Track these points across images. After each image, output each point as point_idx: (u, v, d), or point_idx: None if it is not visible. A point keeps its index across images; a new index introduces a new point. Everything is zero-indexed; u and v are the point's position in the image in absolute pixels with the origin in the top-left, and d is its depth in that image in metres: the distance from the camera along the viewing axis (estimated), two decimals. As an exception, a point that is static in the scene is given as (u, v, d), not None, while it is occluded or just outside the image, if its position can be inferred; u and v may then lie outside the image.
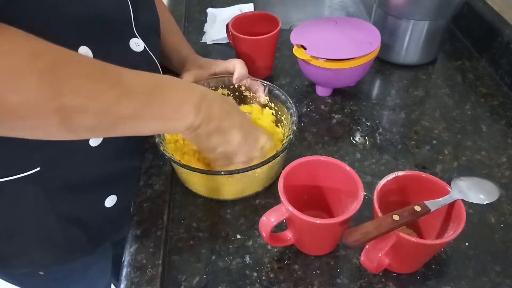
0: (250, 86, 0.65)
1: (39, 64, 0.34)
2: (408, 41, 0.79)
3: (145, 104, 0.40)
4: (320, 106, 0.73)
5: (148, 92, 0.41)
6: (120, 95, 0.38)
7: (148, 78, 0.42)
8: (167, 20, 0.72)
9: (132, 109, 0.39)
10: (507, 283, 0.48)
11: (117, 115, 0.39)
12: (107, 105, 0.38)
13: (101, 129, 0.40)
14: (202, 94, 0.46)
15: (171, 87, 0.44)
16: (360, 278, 0.49)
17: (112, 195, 0.62)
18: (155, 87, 0.42)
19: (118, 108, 0.38)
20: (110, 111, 0.38)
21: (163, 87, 0.43)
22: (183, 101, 0.44)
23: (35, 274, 0.65)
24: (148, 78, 0.42)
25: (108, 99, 0.38)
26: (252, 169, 0.52)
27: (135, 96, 0.40)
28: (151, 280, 0.47)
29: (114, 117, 0.39)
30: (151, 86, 0.42)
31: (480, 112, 0.72)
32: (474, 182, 0.49)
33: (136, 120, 0.41)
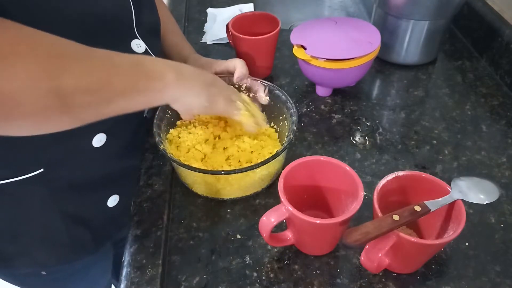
0: (250, 86, 0.65)
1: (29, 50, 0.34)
2: (408, 41, 0.79)
3: (133, 77, 0.42)
4: (320, 106, 0.73)
5: (134, 66, 0.43)
6: (111, 71, 0.40)
7: (129, 56, 0.44)
8: (167, 20, 0.72)
9: (124, 82, 0.41)
10: (507, 283, 0.48)
11: (112, 90, 0.40)
12: (101, 81, 0.39)
13: (98, 107, 0.41)
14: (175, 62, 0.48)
15: (150, 59, 0.46)
16: (360, 278, 0.49)
17: (114, 195, 0.62)
18: (137, 63, 0.44)
19: (111, 83, 0.40)
20: (105, 87, 0.40)
21: (144, 60, 0.45)
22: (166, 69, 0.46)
23: (37, 274, 0.66)
24: (129, 56, 0.44)
25: (101, 75, 0.39)
26: (252, 169, 0.52)
27: (124, 71, 0.42)
28: (151, 280, 0.47)
29: (109, 92, 0.40)
30: (134, 62, 0.43)
31: (480, 112, 0.72)
32: (474, 182, 0.49)
33: (128, 93, 0.42)
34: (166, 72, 0.45)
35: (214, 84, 0.52)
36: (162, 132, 0.58)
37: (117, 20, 0.50)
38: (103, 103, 0.40)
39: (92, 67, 0.39)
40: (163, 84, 0.45)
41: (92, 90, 0.38)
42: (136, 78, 0.42)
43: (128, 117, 0.46)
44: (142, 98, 0.44)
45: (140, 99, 0.44)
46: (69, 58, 0.37)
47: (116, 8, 0.50)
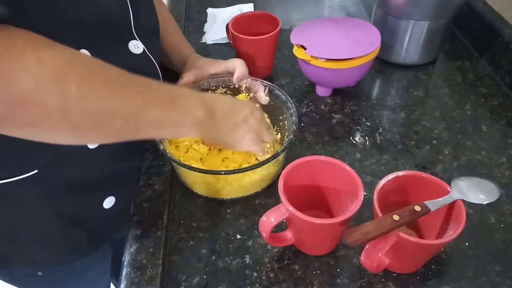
0: (250, 86, 0.65)
1: (76, 71, 0.36)
2: (408, 41, 0.79)
3: (167, 109, 0.44)
4: (320, 106, 0.73)
5: (169, 98, 0.45)
6: (146, 101, 0.42)
7: (166, 86, 0.46)
8: (167, 21, 0.72)
9: (156, 114, 0.43)
10: (507, 283, 0.48)
11: (143, 120, 0.42)
12: (135, 110, 0.41)
13: (127, 133, 0.42)
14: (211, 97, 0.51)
15: (185, 93, 0.48)
16: (360, 278, 0.49)
17: (110, 197, 0.62)
18: (175, 95, 0.46)
19: (144, 113, 0.42)
20: (138, 115, 0.41)
21: (180, 94, 0.46)
22: (198, 105, 0.47)
23: (35, 274, 0.65)
24: (166, 86, 0.46)
25: (136, 104, 0.41)
26: (252, 169, 0.52)
27: (159, 103, 0.43)
28: (151, 280, 0.47)
29: (140, 121, 0.42)
30: (171, 94, 0.45)
31: (480, 112, 0.72)
32: (474, 182, 0.49)
33: (158, 125, 0.44)
34: (197, 109, 0.47)
35: (245, 122, 0.52)
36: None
37: (115, 21, 0.50)
38: (131, 131, 0.42)
39: (130, 95, 0.41)
40: (193, 121, 0.46)
41: (126, 117, 0.40)
42: (168, 111, 0.44)
43: None
44: (171, 130, 0.46)
45: (168, 131, 0.47)
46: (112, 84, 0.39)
47: (114, 9, 0.50)
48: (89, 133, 0.40)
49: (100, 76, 0.39)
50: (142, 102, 0.41)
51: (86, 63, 0.38)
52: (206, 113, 0.47)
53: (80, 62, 0.38)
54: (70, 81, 0.36)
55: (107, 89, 0.39)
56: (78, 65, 0.37)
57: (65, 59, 0.36)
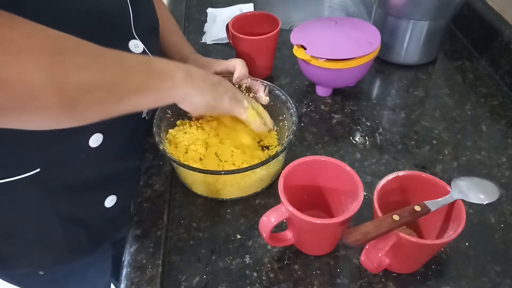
0: (250, 86, 0.65)
1: (47, 45, 0.36)
2: (408, 41, 0.79)
3: (147, 76, 0.44)
4: (320, 106, 0.73)
5: (145, 65, 0.44)
6: (124, 69, 0.42)
7: (140, 56, 0.46)
8: (167, 20, 0.72)
9: (137, 80, 0.43)
10: (507, 283, 0.48)
11: (125, 88, 0.42)
12: (116, 78, 0.41)
13: (109, 104, 0.42)
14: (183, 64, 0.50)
15: (159, 60, 0.47)
16: (360, 278, 0.49)
17: (111, 195, 0.62)
18: (148, 62, 0.45)
19: (125, 80, 0.41)
20: (119, 84, 0.41)
21: (156, 62, 0.46)
22: (175, 69, 0.47)
23: (35, 274, 0.65)
24: (140, 56, 0.46)
25: (115, 72, 0.41)
26: (252, 169, 0.52)
27: (137, 70, 0.43)
28: (151, 280, 0.47)
29: (122, 90, 0.42)
30: (145, 61, 0.45)
31: (480, 112, 0.72)
32: (474, 182, 0.49)
33: (140, 92, 0.44)
34: (175, 72, 0.47)
35: (220, 84, 0.53)
36: (162, 132, 0.58)
37: (114, 20, 0.50)
38: (115, 100, 0.42)
39: (107, 65, 0.40)
40: (173, 83, 0.47)
41: (106, 86, 0.40)
42: (148, 76, 0.44)
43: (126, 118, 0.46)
44: (152, 96, 0.46)
45: (150, 98, 0.46)
46: (85, 55, 0.39)
47: (114, 8, 0.50)
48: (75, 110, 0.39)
49: (76, 50, 0.38)
50: (121, 71, 0.41)
51: (60, 39, 0.37)
52: (184, 75, 0.48)
53: (54, 39, 0.37)
54: (45, 58, 0.35)
55: (85, 61, 0.38)
56: (49, 39, 0.36)
57: (38, 36, 0.35)
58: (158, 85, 0.45)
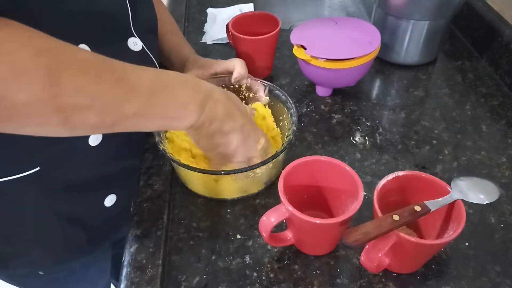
0: (250, 86, 0.65)
1: (42, 62, 0.34)
2: (408, 41, 0.79)
3: (149, 103, 0.40)
4: (320, 106, 0.73)
5: (153, 90, 0.41)
6: (123, 94, 0.38)
7: (154, 75, 0.42)
8: (167, 20, 0.72)
9: (135, 108, 0.39)
10: (507, 283, 0.48)
11: (120, 114, 0.39)
12: (110, 104, 0.38)
13: (103, 127, 0.40)
14: (208, 92, 0.46)
15: (176, 84, 0.43)
16: (360, 278, 0.49)
17: (111, 195, 0.62)
18: (160, 85, 0.41)
19: (121, 107, 0.38)
20: (113, 110, 0.38)
21: (168, 85, 0.42)
22: (188, 100, 0.44)
23: (34, 274, 0.65)
24: (154, 75, 0.42)
25: (112, 98, 0.38)
26: (252, 169, 0.52)
27: (139, 95, 0.39)
28: (151, 280, 0.47)
29: (117, 116, 0.39)
30: (156, 84, 0.41)
31: (480, 112, 0.72)
32: (474, 182, 0.49)
33: (138, 118, 0.40)
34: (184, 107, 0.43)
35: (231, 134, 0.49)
36: (162, 132, 0.58)
37: (113, 18, 0.50)
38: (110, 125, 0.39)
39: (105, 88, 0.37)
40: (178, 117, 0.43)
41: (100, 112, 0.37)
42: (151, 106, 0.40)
43: None
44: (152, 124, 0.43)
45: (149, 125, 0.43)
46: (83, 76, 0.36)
47: (112, 5, 0.49)
48: (61, 129, 0.37)
49: (71, 66, 0.35)
50: (119, 94, 0.38)
51: (55, 53, 0.35)
52: (193, 111, 0.44)
53: (48, 52, 0.35)
54: (34, 74, 0.33)
55: (78, 81, 0.35)
56: (45, 55, 0.34)
57: (30, 50, 0.33)
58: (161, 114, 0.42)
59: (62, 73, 0.35)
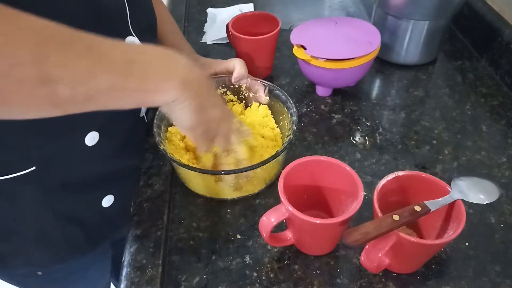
0: (250, 86, 0.65)
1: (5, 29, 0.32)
2: (408, 41, 0.79)
3: (123, 75, 0.37)
4: (320, 106, 0.73)
5: (127, 61, 0.37)
6: (94, 64, 0.35)
7: (128, 46, 0.40)
8: (166, 20, 0.72)
9: (109, 80, 0.36)
10: (507, 283, 0.48)
11: (93, 86, 0.35)
12: (81, 76, 0.35)
13: (77, 101, 0.36)
14: (187, 67, 0.42)
15: (153, 55, 0.40)
16: (360, 278, 0.49)
17: (109, 195, 0.62)
18: (135, 56, 0.38)
19: (93, 79, 0.35)
20: (85, 82, 0.35)
21: (144, 56, 0.39)
22: (167, 73, 0.40)
23: (33, 274, 0.65)
24: (128, 46, 0.40)
25: (81, 69, 0.34)
26: (252, 169, 0.52)
27: (112, 66, 0.36)
28: (151, 280, 0.47)
29: (89, 88, 0.35)
30: (130, 54, 0.38)
31: (480, 112, 0.72)
32: (474, 182, 0.49)
33: (113, 92, 0.37)
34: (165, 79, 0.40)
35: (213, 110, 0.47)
36: (162, 132, 0.58)
37: (111, 16, 0.50)
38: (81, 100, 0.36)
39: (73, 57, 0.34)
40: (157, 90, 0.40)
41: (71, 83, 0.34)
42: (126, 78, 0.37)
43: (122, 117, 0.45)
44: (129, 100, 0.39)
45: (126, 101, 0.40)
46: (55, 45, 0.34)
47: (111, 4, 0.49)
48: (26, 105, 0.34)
49: (34, 34, 0.33)
50: (89, 66, 0.35)
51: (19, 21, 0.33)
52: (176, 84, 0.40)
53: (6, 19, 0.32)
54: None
55: (44, 51, 0.32)
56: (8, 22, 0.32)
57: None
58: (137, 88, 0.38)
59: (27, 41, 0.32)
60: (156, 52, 0.41)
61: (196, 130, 0.46)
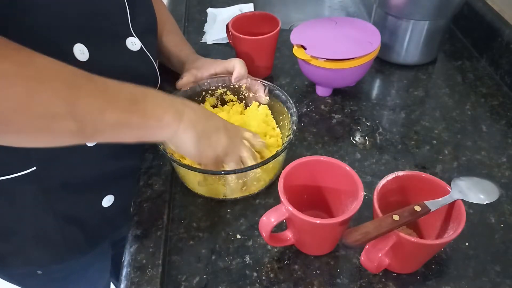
0: (250, 86, 0.65)
1: (24, 73, 0.35)
2: (408, 41, 0.79)
3: (128, 112, 0.42)
4: (320, 106, 0.73)
5: (131, 100, 0.42)
6: (103, 103, 0.40)
7: (131, 87, 0.44)
8: (166, 20, 0.72)
9: (116, 116, 0.41)
10: (507, 283, 0.48)
11: (100, 122, 0.40)
12: (90, 112, 0.39)
13: (84, 136, 0.41)
14: (183, 102, 0.48)
15: (153, 96, 0.45)
16: (360, 278, 0.49)
17: (109, 195, 0.62)
18: (138, 96, 0.43)
19: (101, 115, 0.40)
20: (94, 118, 0.39)
21: (145, 96, 0.44)
22: (166, 109, 0.45)
23: (33, 273, 0.65)
24: (131, 87, 0.44)
25: (91, 106, 0.39)
26: (252, 169, 0.52)
27: (118, 104, 0.41)
28: (151, 280, 0.47)
29: (97, 124, 0.40)
30: (134, 95, 0.43)
31: (480, 112, 0.72)
32: (474, 182, 0.49)
33: (118, 127, 0.42)
34: (163, 113, 0.45)
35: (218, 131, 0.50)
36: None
37: (112, 17, 0.50)
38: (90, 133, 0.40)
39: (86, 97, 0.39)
40: (158, 124, 0.45)
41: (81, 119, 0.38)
42: (131, 114, 0.42)
43: None
44: (131, 134, 0.44)
45: (129, 135, 0.44)
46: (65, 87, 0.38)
47: (111, 5, 0.50)
48: (40, 136, 0.39)
49: (51, 77, 0.37)
50: (98, 104, 0.39)
51: (37, 65, 0.37)
52: (173, 117, 0.45)
53: (30, 64, 0.36)
54: (16, 85, 0.35)
55: (57, 91, 0.37)
56: (27, 67, 0.36)
57: (14, 61, 0.35)
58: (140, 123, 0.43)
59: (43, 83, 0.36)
60: (156, 93, 0.46)
61: (204, 157, 0.50)
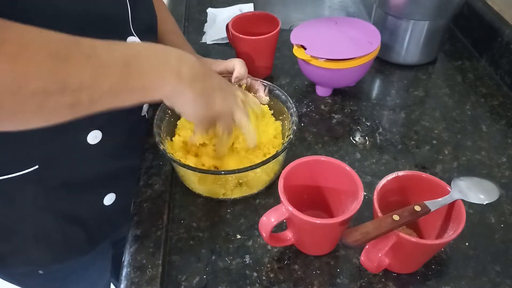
0: (250, 86, 0.65)
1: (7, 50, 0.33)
2: (408, 41, 0.79)
3: (122, 77, 0.39)
4: (320, 106, 0.73)
5: (124, 63, 0.40)
6: (96, 70, 0.37)
7: (122, 47, 0.41)
8: (167, 20, 0.72)
9: (109, 83, 0.38)
10: (507, 283, 0.48)
11: (97, 91, 0.38)
12: (84, 83, 0.37)
13: (81, 107, 0.38)
14: (180, 57, 0.45)
15: (146, 54, 0.42)
16: (360, 278, 0.49)
17: (111, 193, 0.62)
18: (129, 57, 0.40)
19: (96, 83, 0.37)
20: (89, 87, 0.37)
21: (138, 55, 0.41)
22: (161, 69, 0.42)
23: (34, 273, 0.65)
24: (122, 47, 0.41)
25: (84, 75, 0.36)
26: (252, 169, 0.52)
27: (110, 70, 0.38)
28: (151, 280, 0.47)
29: (93, 93, 0.38)
30: (126, 55, 0.40)
31: (480, 112, 0.72)
32: (474, 182, 0.49)
33: (115, 93, 0.40)
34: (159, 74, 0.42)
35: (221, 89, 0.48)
36: (162, 132, 0.58)
37: (112, 16, 0.50)
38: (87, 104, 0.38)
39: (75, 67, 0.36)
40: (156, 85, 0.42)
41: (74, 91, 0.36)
42: (126, 78, 0.39)
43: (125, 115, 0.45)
44: (131, 97, 0.42)
45: (129, 98, 0.42)
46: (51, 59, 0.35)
47: (112, 4, 0.49)
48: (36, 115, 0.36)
49: (36, 51, 0.34)
50: (91, 72, 0.37)
51: (18, 39, 0.34)
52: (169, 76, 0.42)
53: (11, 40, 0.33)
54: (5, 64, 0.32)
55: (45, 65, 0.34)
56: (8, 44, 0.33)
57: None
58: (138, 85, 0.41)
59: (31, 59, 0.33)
60: (149, 50, 0.43)
61: (200, 116, 0.47)
